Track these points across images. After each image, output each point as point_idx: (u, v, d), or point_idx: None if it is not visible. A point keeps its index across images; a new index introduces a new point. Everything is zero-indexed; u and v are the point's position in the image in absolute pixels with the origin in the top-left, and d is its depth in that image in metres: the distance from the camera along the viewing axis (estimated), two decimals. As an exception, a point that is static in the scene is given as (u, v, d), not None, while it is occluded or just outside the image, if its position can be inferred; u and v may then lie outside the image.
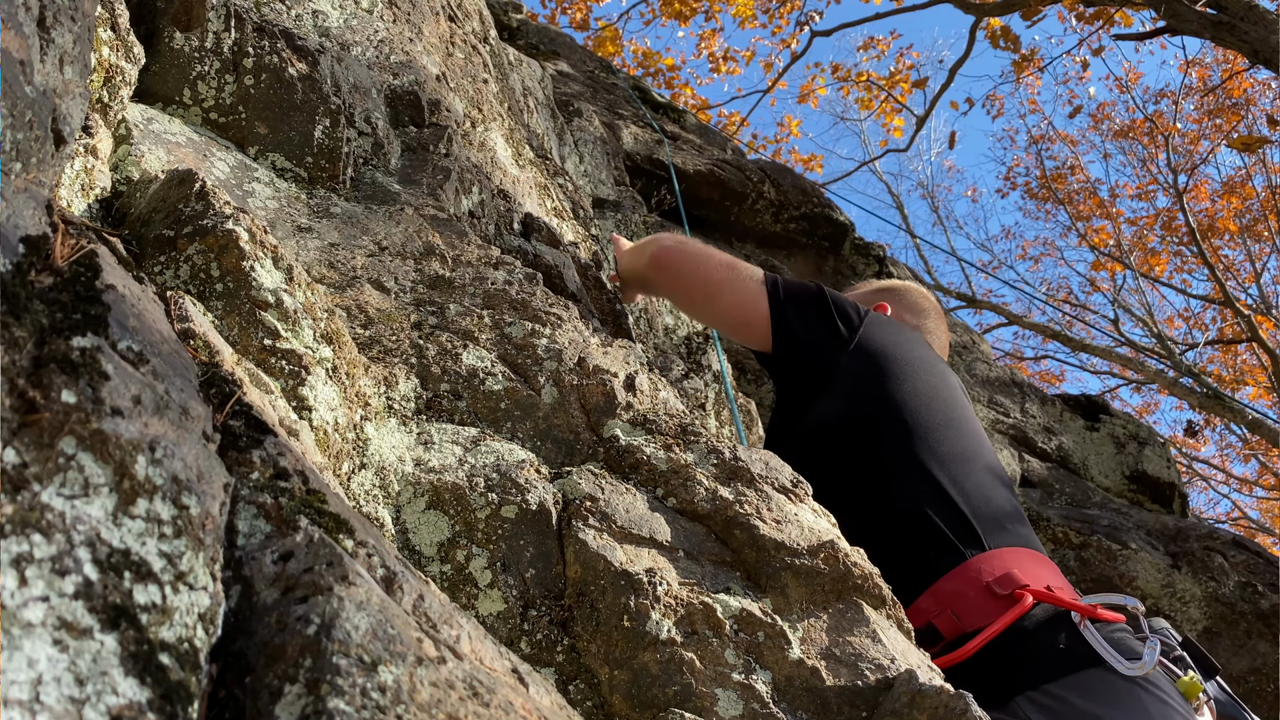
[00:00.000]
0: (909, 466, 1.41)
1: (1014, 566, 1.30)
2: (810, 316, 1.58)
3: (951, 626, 1.26)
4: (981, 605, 1.26)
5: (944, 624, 1.26)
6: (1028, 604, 1.23)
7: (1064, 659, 1.20)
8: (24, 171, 0.54)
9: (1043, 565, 1.35)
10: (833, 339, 1.56)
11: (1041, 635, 1.23)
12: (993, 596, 1.26)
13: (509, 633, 0.85)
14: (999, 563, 1.30)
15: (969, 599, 1.27)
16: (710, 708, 0.81)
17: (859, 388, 1.51)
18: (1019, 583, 1.27)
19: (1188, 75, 12.83)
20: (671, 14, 11.63)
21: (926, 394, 1.51)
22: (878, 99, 12.70)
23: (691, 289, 1.71)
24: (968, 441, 1.48)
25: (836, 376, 1.52)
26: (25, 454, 0.40)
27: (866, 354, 1.54)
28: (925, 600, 1.29)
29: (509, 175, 1.94)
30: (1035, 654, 1.21)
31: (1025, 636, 1.23)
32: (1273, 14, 5.65)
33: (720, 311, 1.67)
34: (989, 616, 1.24)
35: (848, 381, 1.52)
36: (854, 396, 1.51)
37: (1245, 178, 13.45)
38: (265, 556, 0.51)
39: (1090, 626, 1.23)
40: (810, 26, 10.98)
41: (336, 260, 1.19)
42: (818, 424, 1.51)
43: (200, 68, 1.25)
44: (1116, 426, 4.87)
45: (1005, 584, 1.27)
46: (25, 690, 0.35)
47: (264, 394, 0.75)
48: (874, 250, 5.69)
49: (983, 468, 1.45)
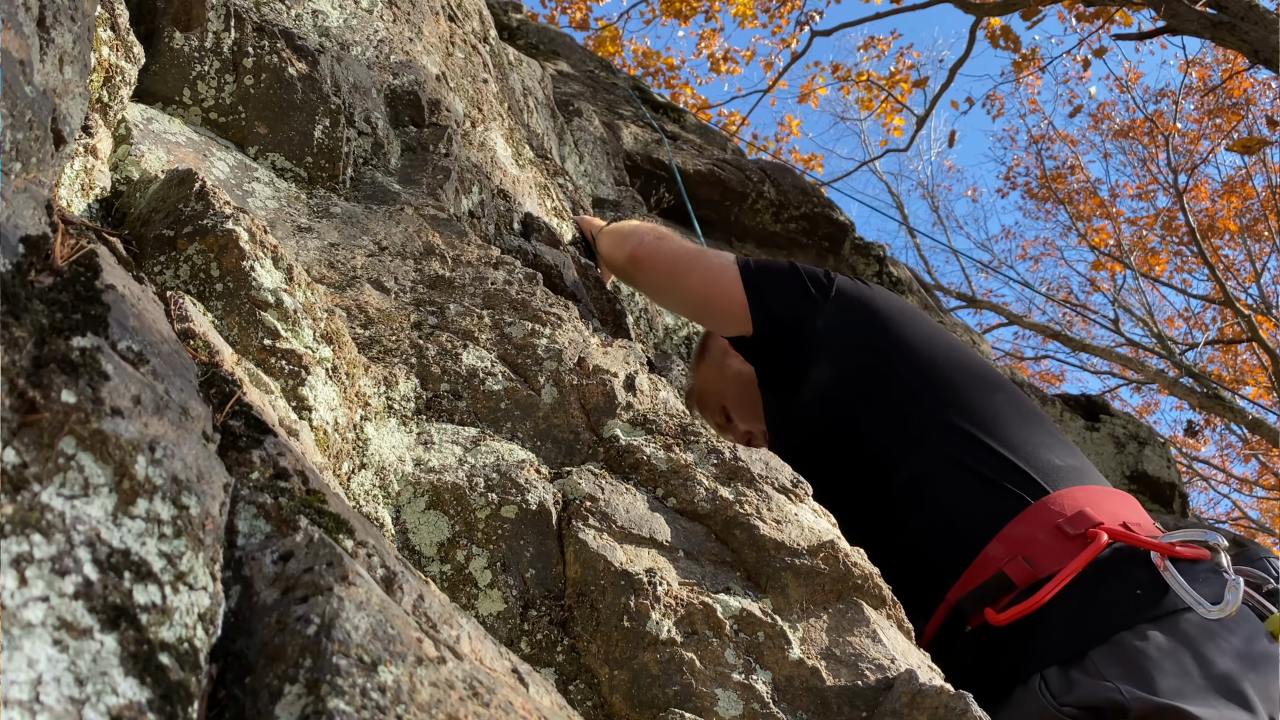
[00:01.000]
0: (934, 419, 1.33)
1: (1087, 504, 1.21)
2: (784, 289, 1.55)
3: (1023, 573, 1.17)
4: (1054, 548, 1.17)
5: (1015, 571, 1.18)
6: (1102, 543, 1.14)
7: (1142, 605, 1.11)
8: (24, 171, 0.54)
9: (1119, 501, 1.27)
10: (808, 304, 1.52)
11: (1119, 578, 1.14)
12: (1065, 538, 1.17)
13: (509, 633, 0.85)
14: (1071, 501, 1.21)
15: (1040, 542, 1.18)
16: (710, 708, 0.81)
17: (848, 335, 1.46)
18: (1093, 521, 1.18)
19: (1188, 75, 12.84)
20: (671, 14, 11.63)
21: (925, 338, 1.45)
22: (878, 99, 12.71)
23: (665, 276, 1.72)
24: (994, 392, 1.39)
25: (818, 339, 1.48)
26: (25, 454, 0.40)
27: (843, 305, 1.50)
28: (994, 547, 1.20)
29: (509, 175, 1.94)
30: (1112, 600, 1.12)
31: (1101, 580, 1.14)
32: (1273, 14, 5.65)
33: (696, 301, 1.66)
34: (1062, 560, 1.15)
35: (832, 336, 1.48)
36: (846, 345, 1.46)
37: (1245, 178, 13.45)
38: (265, 556, 0.51)
39: (1171, 567, 1.12)
40: (810, 26, 10.97)
41: (336, 260, 1.19)
42: (816, 389, 1.45)
43: (200, 68, 1.25)
44: (1117, 426, 4.87)
45: (1078, 523, 1.18)
46: (25, 690, 0.35)
47: (264, 394, 0.75)
48: (874, 250, 5.69)
49: (1025, 416, 1.37)
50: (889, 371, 1.41)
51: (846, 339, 1.47)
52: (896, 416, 1.37)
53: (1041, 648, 1.12)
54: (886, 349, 1.43)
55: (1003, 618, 1.15)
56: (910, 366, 1.41)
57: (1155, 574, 1.14)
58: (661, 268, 1.72)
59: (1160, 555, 1.15)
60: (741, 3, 11.53)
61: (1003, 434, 1.31)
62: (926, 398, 1.37)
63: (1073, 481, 1.27)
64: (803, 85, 14.02)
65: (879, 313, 1.49)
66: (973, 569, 1.22)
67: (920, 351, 1.43)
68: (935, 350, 1.44)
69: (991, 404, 1.36)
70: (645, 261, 1.74)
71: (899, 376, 1.40)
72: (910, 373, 1.40)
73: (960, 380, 1.39)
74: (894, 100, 12.48)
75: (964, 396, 1.36)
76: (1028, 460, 1.28)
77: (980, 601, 1.19)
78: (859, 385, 1.42)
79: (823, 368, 1.47)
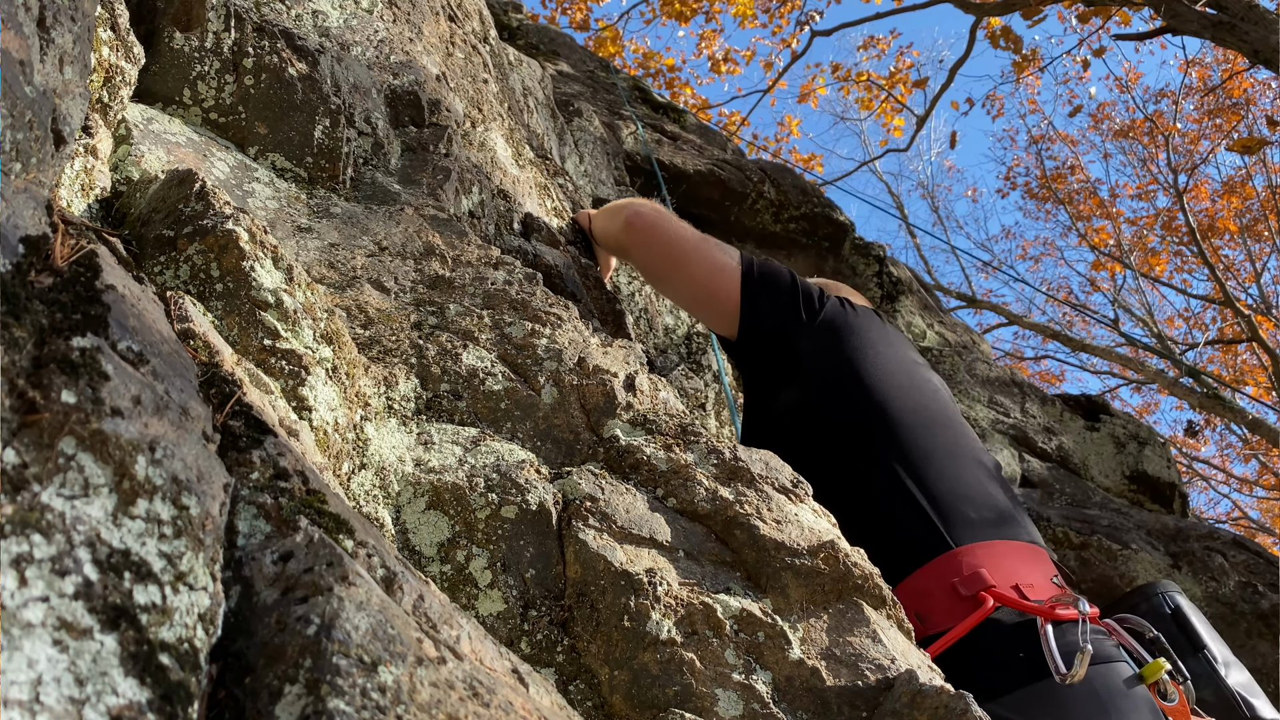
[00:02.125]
0: (872, 459, 1.35)
1: (986, 564, 1.23)
2: (778, 304, 1.55)
3: (916, 629, 1.19)
4: (946, 606, 1.20)
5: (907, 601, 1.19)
6: (989, 608, 1.17)
7: (1020, 669, 1.14)
8: (24, 171, 0.54)
9: (1024, 560, 1.28)
10: (796, 324, 1.53)
11: (1004, 642, 1.17)
12: (957, 597, 1.20)
13: (509, 633, 0.85)
14: (970, 559, 1.24)
15: (935, 599, 1.22)
16: (710, 708, 0.81)
17: (817, 371, 1.48)
18: (985, 583, 1.20)
19: (1188, 75, 12.84)
20: (671, 14, 11.63)
21: (888, 378, 1.46)
22: (878, 99, 12.70)
23: (663, 255, 1.66)
24: (940, 431, 1.42)
25: (795, 363, 1.50)
26: (25, 454, 0.40)
27: (825, 337, 1.51)
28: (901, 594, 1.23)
29: (509, 175, 1.94)
30: (994, 663, 1.16)
31: (988, 643, 1.17)
32: (1273, 14, 5.65)
33: (690, 281, 1.61)
34: (953, 619, 1.18)
35: (806, 366, 1.49)
36: (811, 381, 1.47)
37: (1245, 178, 13.45)
38: (265, 557, 0.51)
39: (1049, 631, 1.15)
40: (810, 26, 10.97)
41: (336, 260, 1.19)
42: (780, 413, 1.48)
43: (200, 68, 1.25)
44: (1117, 426, 4.87)
45: (971, 584, 1.21)
46: (25, 690, 0.35)
47: (264, 394, 0.75)
48: (874, 250, 5.69)
49: (959, 458, 1.39)
50: (841, 424, 1.42)
51: (814, 376, 1.49)
52: (834, 460, 1.38)
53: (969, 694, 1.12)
54: (847, 395, 1.44)
55: None
56: (865, 412, 1.41)
57: (1035, 637, 1.16)
58: (659, 245, 1.66)
59: (1043, 619, 1.17)
60: (741, 3, 11.52)
61: (929, 479, 1.33)
62: (870, 436, 1.38)
63: (981, 537, 1.28)
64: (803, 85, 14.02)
65: (856, 355, 1.50)
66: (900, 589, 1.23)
67: (882, 393, 1.44)
68: (896, 394, 1.44)
69: (928, 445, 1.38)
70: (642, 232, 1.68)
71: (849, 426, 1.41)
72: (858, 410, 1.41)
73: (908, 420, 1.40)
74: (894, 100, 12.48)
75: (906, 436, 1.37)
76: (942, 511, 1.30)
77: None
78: (807, 427, 1.43)
79: (790, 395, 1.48)
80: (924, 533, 1.28)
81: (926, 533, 1.28)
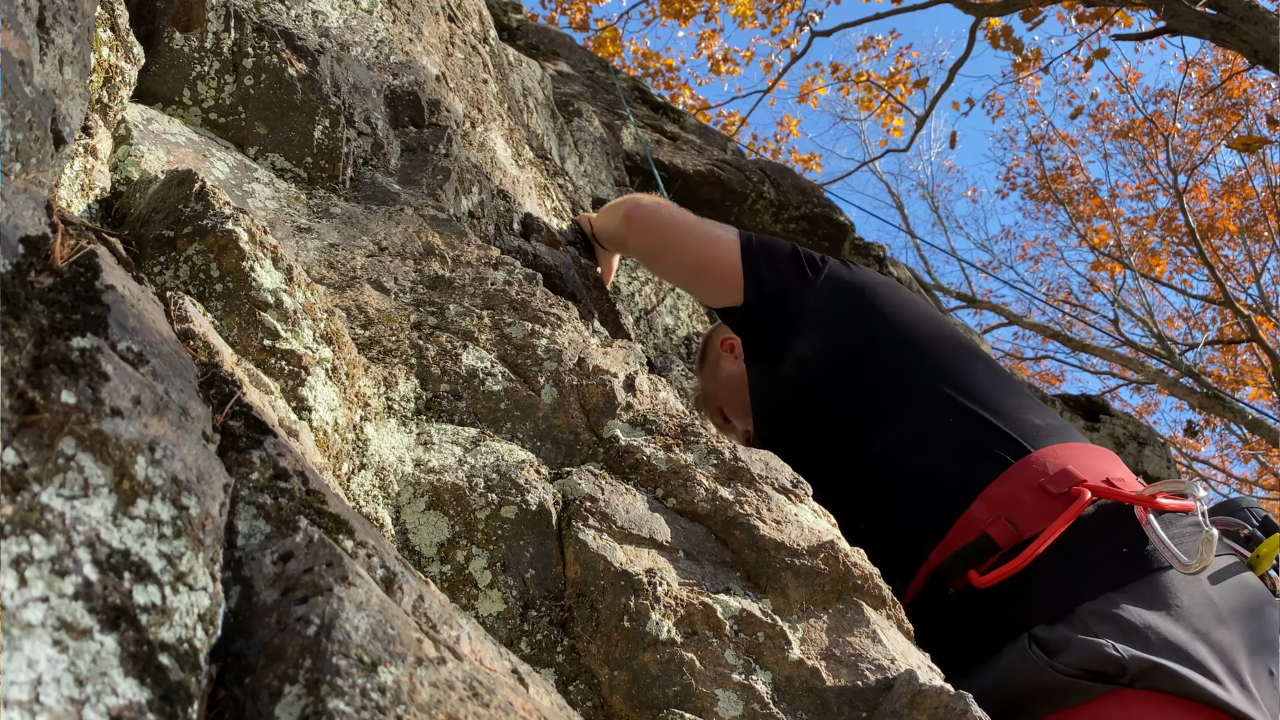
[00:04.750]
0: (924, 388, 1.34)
1: (1069, 462, 1.20)
2: (780, 263, 1.58)
3: (1008, 534, 1.16)
4: (1038, 508, 1.16)
5: (999, 532, 1.17)
6: (1085, 500, 1.13)
7: (1128, 561, 1.11)
8: (24, 172, 0.54)
9: (1100, 457, 1.26)
10: (801, 282, 1.55)
11: (1104, 535, 1.14)
12: (1049, 497, 1.17)
13: (509, 633, 0.85)
14: (1053, 459, 1.21)
15: (1023, 503, 1.18)
16: (710, 708, 0.81)
17: (836, 317, 1.49)
18: (1076, 478, 1.17)
19: (1188, 75, 12.84)
20: (671, 14, 11.63)
21: (909, 313, 1.48)
22: (878, 99, 12.70)
23: (662, 234, 1.70)
24: (976, 361, 1.42)
25: (807, 316, 1.50)
26: (25, 454, 0.40)
27: (834, 287, 1.53)
28: (977, 508, 1.20)
29: (509, 175, 1.94)
30: (1097, 557, 1.12)
31: (1087, 538, 1.13)
32: (1273, 14, 5.65)
33: (690, 253, 1.65)
34: (1046, 519, 1.14)
35: (821, 316, 1.50)
36: (832, 325, 1.48)
37: (1245, 178, 13.45)
38: (265, 557, 0.51)
39: (1154, 521, 1.12)
40: (810, 27, 10.97)
41: (336, 260, 1.19)
42: (799, 365, 1.48)
43: (200, 68, 1.25)
44: (1116, 426, 4.87)
45: (1061, 481, 1.17)
46: (25, 691, 0.35)
47: (264, 394, 0.75)
48: (874, 251, 5.69)
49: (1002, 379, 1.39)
50: (874, 350, 1.42)
51: (834, 320, 1.49)
52: (876, 391, 1.38)
53: (1029, 607, 1.11)
54: (872, 329, 1.45)
55: (987, 579, 1.14)
56: (896, 343, 1.42)
57: (1139, 529, 1.13)
58: (656, 227, 1.71)
59: (1143, 509, 1.14)
60: (741, 3, 11.52)
61: (983, 398, 1.31)
62: (911, 370, 1.38)
63: (1054, 440, 1.26)
64: (802, 85, 14.02)
65: (868, 295, 1.51)
66: (954, 531, 1.20)
67: (906, 327, 1.45)
68: (921, 327, 1.46)
69: (973, 371, 1.38)
70: (640, 221, 1.73)
71: (884, 354, 1.41)
72: (896, 349, 1.42)
73: (945, 352, 1.41)
74: (894, 100, 12.48)
75: (948, 366, 1.38)
76: (1009, 421, 1.28)
77: (963, 564, 1.18)
78: (840, 366, 1.44)
79: (808, 345, 1.49)
80: (996, 441, 1.25)
81: (1000, 441, 1.25)
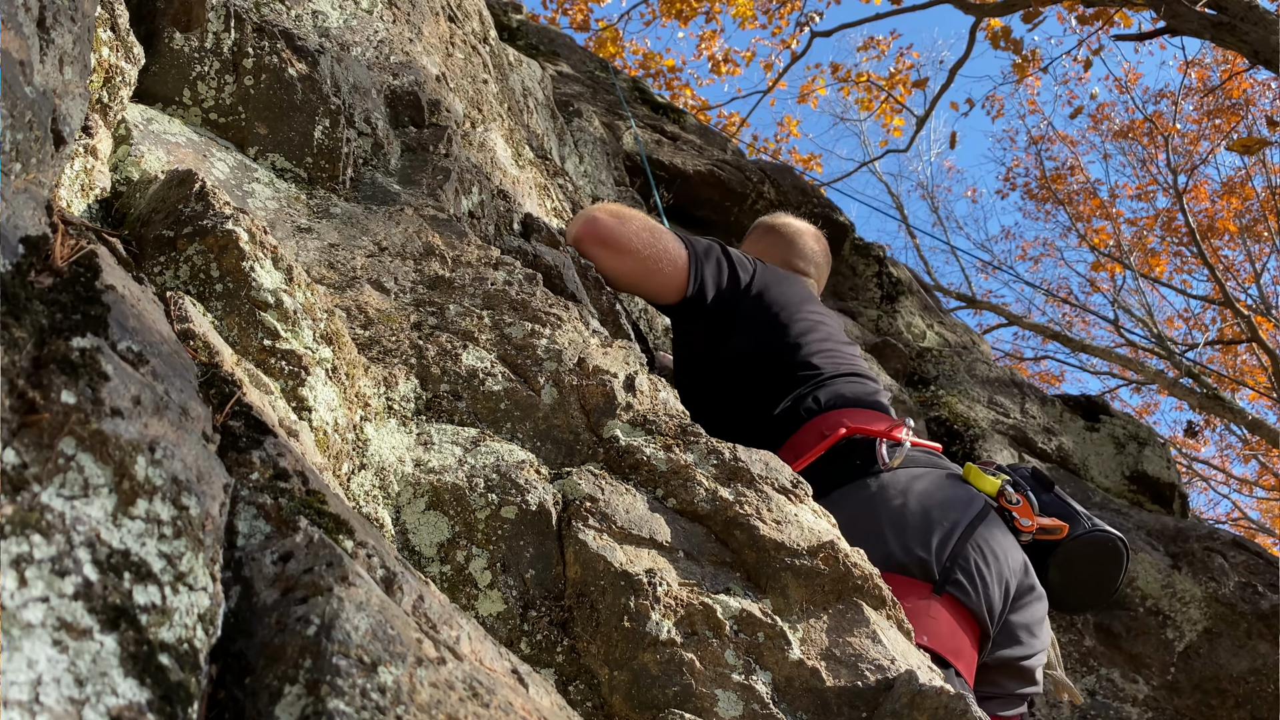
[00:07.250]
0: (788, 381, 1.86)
1: (847, 419, 1.73)
2: (719, 268, 1.92)
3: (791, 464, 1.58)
4: (811, 443, 1.72)
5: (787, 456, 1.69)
6: (839, 434, 1.69)
7: (849, 471, 1.64)
8: (24, 172, 0.54)
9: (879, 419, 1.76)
10: (735, 286, 1.92)
11: (846, 456, 1.67)
12: (820, 436, 1.72)
13: (509, 633, 0.85)
14: (836, 418, 1.74)
15: (805, 442, 1.74)
16: (710, 708, 0.81)
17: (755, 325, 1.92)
18: (841, 424, 1.71)
19: (1187, 76, 12.83)
20: (672, 14, 11.62)
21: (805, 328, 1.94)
22: (878, 99, 12.70)
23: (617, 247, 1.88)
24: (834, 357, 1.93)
25: (739, 318, 1.92)
26: (25, 454, 0.40)
27: (760, 298, 1.94)
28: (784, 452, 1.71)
29: (509, 175, 1.94)
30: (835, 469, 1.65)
31: (835, 457, 1.67)
32: (1273, 14, 5.65)
33: (643, 262, 1.87)
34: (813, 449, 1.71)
35: (747, 322, 1.92)
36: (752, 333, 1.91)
37: (1245, 178, 13.44)
38: (265, 557, 0.51)
39: (882, 445, 1.66)
40: (810, 27, 10.96)
41: (336, 261, 1.19)
42: (732, 358, 1.90)
43: (200, 68, 1.25)
44: (1116, 427, 4.87)
45: (832, 427, 1.72)
46: (25, 691, 0.35)
47: (264, 394, 0.75)
48: (874, 250, 5.69)
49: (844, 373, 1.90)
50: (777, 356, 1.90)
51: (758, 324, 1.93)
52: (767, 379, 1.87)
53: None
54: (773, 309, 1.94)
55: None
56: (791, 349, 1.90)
57: (872, 449, 1.68)
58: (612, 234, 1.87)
59: (881, 439, 1.68)
60: (742, 4, 11.52)
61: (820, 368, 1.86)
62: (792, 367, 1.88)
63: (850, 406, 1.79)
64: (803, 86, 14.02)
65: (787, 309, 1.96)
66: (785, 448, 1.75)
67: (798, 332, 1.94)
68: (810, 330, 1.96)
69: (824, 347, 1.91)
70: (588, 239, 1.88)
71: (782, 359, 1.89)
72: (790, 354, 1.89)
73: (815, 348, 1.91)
74: (894, 101, 12.48)
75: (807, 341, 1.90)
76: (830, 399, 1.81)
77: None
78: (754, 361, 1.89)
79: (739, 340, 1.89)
80: (812, 408, 1.80)
81: (814, 407, 1.80)
